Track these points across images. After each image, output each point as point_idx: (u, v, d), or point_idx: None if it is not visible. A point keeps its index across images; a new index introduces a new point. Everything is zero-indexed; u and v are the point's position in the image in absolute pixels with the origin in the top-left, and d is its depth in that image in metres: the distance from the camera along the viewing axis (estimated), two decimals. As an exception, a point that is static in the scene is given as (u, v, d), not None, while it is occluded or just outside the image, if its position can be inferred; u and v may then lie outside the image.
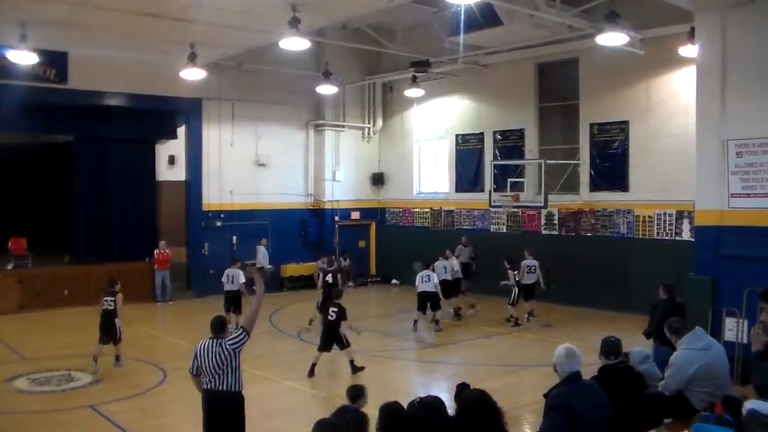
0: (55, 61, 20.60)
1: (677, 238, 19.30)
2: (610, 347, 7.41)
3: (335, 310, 13.89)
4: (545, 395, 6.47)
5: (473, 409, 5.51)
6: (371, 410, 5.88)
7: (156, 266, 22.61)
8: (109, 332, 14.40)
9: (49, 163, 26.89)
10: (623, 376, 7.18)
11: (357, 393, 7.26)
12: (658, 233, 19.84)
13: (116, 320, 14.53)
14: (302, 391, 13.25)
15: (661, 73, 19.55)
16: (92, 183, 23.52)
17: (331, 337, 13.90)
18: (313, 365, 13.95)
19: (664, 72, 19.44)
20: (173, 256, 23.05)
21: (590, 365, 7.25)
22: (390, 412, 5.50)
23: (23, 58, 17.69)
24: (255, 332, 17.17)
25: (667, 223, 19.58)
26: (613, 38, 16.06)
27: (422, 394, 5.69)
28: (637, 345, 8.97)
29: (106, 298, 14.59)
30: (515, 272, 18.89)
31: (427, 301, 18.10)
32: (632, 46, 18.32)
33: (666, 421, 7.42)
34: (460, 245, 22.83)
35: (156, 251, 22.69)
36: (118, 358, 14.74)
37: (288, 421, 11.36)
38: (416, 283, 18.20)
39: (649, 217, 19.97)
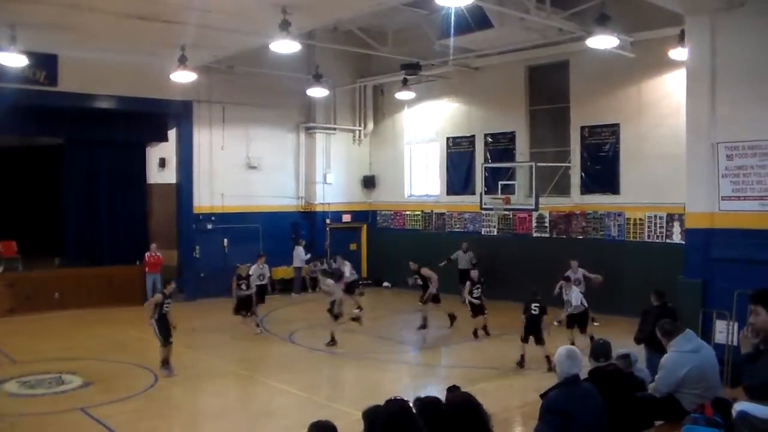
0: (45, 64, 20.50)
1: (668, 240, 19.36)
2: (600, 349, 7.44)
3: (537, 305, 14.55)
4: (542, 395, 6.46)
5: (458, 412, 5.50)
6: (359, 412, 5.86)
7: (147, 269, 22.52)
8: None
9: (40, 165, 26.80)
10: (613, 379, 7.19)
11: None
12: (648, 236, 19.90)
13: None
14: (293, 393, 13.22)
15: (651, 76, 19.60)
16: (83, 186, 23.46)
17: (535, 332, 14.49)
18: (522, 356, 14.57)
19: (655, 75, 19.50)
20: (164, 258, 22.98)
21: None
22: (372, 416, 5.48)
23: (13, 60, 17.59)
24: (245, 334, 17.17)
25: (658, 225, 19.64)
26: (603, 41, 16.09)
27: (413, 397, 5.69)
28: (627, 347, 8.97)
29: None
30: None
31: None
32: (622, 49, 18.36)
33: (657, 423, 7.44)
34: (459, 251, 22.87)
35: (147, 254, 22.61)
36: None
37: (279, 423, 11.35)
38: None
39: (640, 219, 20.03)
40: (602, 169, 20.85)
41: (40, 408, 12.15)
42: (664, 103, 19.13)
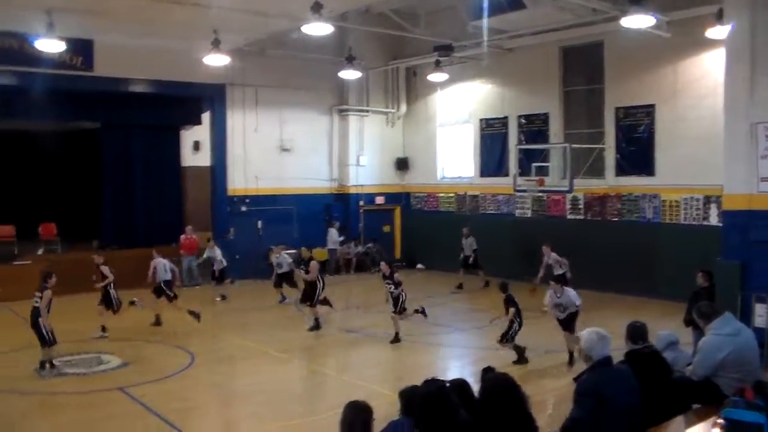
0: (81, 49, 20.74)
1: (705, 223, 19.13)
2: (636, 332, 7.37)
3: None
4: (575, 379, 6.44)
5: (496, 393, 5.51)
6: (394, 394, 5.91)
7: (182, 251, 22.74)
8: None
9: (77, 149, 27.10)
10: (650, 361, 7.13)
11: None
12: (685, 218, 19.68)
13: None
14: (327, 374, 13.33)
15: (688, 56, 19.32)
16: (119, 169, 23.71)
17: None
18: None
19: (692, 54, 19.21)
20: (199, 241, 23.18)
21: (615, 350, 7.23)
22: (409, 396, 5.52)
23: (50, 46, 17.83)
24: (279, 316, 17.17)
25: (694, 207, 19.42)
26: (638, 21, 15.85)
27: (448, 378, 5.72)
28: (663, 330, 8.88)
29: None
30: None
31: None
32: (658, 29, 18.06)
33: (694, 406, 7.38)
34: (463, 237, 22.78)
35: (182, 236, 22.82)
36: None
37: (314, 404, 11.44)
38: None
39: (676, 201, 19.81)
40: (637, 150, 20.64)
41: (81, 387, 12.42)
42: (701, 84, 18.87)
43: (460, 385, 5.97)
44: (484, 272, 22.41)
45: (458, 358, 14.98)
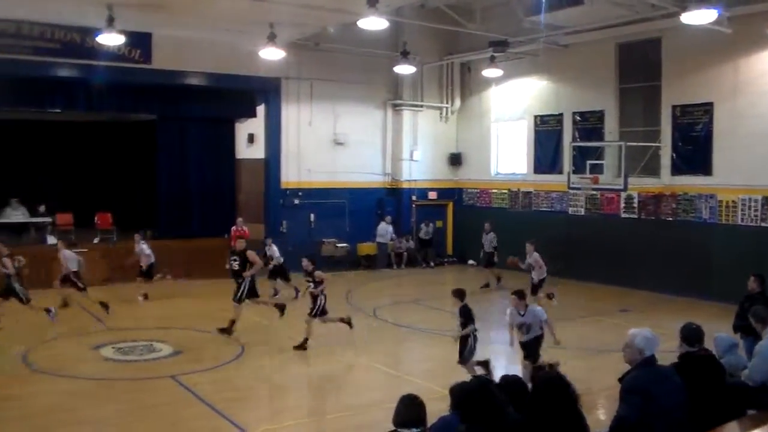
0: (139, 42, 21.07)
1: (763, 224, 18.74)
2: (693, 334, 7.23)
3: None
4: (620, 380, 6.39)
5: (547, 391, 5.50)
6: (444, 390, 5.91)
7: (233, 243, 22.96)
8: None
9: (133, 141, 27.58)
10: (705, 365, 7.01)
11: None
12: (742, 219, 19.29)
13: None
14: (376, 368, 13.37)
15: (749, 53, 18.90)
16: (174, 160, 24.07)
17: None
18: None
19: (753, 51, 18.80)
20: (252, 233, 23.36)
21: (669, 352, 7.15)
22: (459, 392, 5.52)
23: (110, 39, 18.19)
24: (330, 308, 17.13)
25: (752, 208, 19.01)
26: (698, 16, 15.57)
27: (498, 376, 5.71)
28: (721, 333, 8.72)
29: None
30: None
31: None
32: (718, 25, 17.69)
33: (750, 412, 7.23)
34: (484, 233, 22.56)
35: (233, 228, 23.03)
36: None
37: (361, 397, 11.48)
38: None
39: (733, 202, 19.42)
40: (694, 149, 20.27)
41: (134, 374, 12.71)
42: (763, 81, 18.48)
43: (514, 381, 5.97)
44: (491, 272, 22.20)
45: (505, 355, 14.88)
